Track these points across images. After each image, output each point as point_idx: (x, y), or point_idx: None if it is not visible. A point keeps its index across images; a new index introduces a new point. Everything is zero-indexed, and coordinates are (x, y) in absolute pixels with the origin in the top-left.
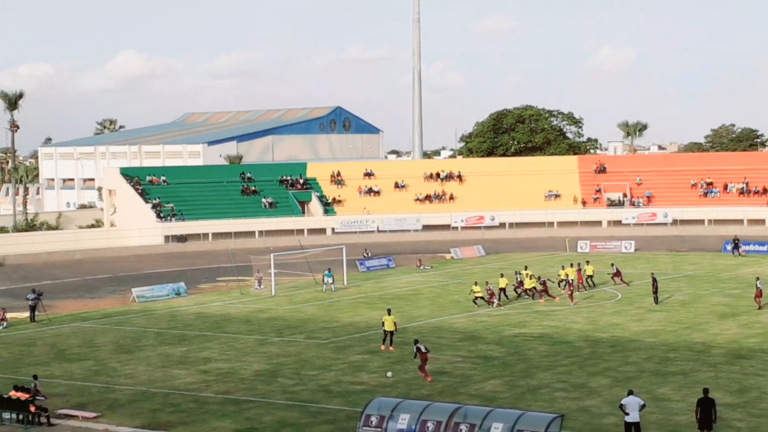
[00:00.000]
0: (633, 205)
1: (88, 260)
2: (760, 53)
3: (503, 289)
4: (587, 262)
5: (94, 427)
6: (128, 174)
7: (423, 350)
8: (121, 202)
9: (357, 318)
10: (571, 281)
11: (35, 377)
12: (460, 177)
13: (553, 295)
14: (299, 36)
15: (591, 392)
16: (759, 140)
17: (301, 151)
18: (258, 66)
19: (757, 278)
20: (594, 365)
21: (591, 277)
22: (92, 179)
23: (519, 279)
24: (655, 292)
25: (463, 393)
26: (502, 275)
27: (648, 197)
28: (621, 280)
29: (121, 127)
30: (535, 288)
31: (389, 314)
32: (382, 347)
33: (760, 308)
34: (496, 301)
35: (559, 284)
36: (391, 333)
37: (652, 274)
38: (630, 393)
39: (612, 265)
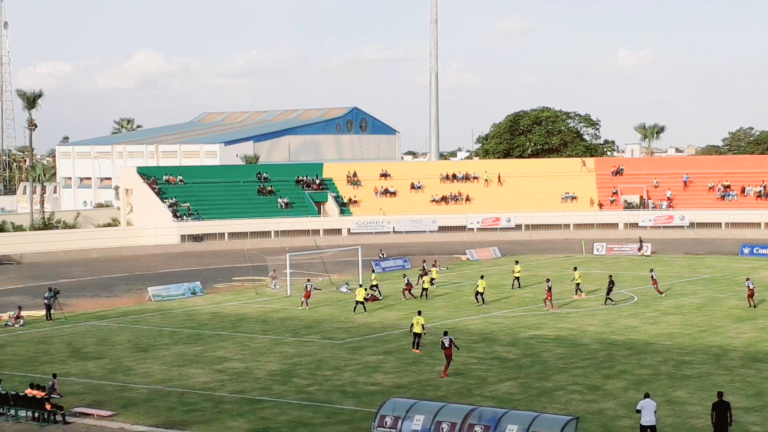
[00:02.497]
0: (652, 207)
1: (104, 259)
2: None
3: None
4: (575, 268)
5: (109, 426)
6: (145, 173)
7: (445, 345)
8: (137, 201)
9: (372, 318)
10: (550, 287)
11: (54, 376)
12: (476, 178)
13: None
14: (316, 36)
15: (606, 395)
16: None
17: (317, 152)
18: (275, 66)
19: (747, 278)
20: (609, 368)
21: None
22: (109, 178)
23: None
24: (609, 293)
25: (478, 394)
26: (575, 268)
27: (668, 198)
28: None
29: (138, 126)
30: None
31: (419, 315)
32: (415, 350)
33: (754, 307)
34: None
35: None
36: (419, 335)
37: (610, 276)
38: (646, 396)
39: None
